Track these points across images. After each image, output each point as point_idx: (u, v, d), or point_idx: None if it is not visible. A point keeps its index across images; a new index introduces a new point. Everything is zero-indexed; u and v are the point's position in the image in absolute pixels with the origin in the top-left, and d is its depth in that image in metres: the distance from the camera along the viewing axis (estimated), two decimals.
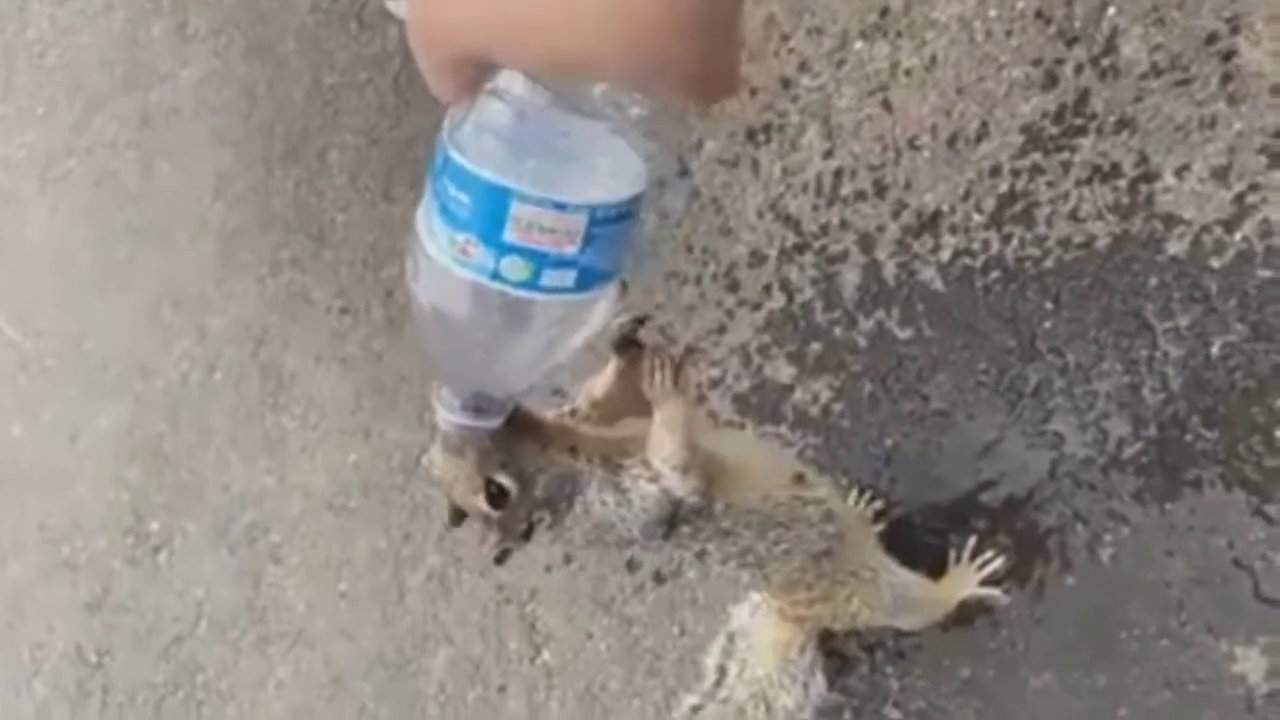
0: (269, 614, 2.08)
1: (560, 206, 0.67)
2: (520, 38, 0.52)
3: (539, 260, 0.68)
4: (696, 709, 1.42)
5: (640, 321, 1.02)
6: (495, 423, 0.89)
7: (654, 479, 1.01)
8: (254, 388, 2.20)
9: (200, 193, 2.39)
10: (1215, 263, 1.39)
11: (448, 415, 0.88)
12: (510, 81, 0.64)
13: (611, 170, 0.69)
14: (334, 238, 2.18)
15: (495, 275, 0.69)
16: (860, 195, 1.64)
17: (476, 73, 0.58)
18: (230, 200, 2.35)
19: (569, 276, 0.69)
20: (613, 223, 0.69)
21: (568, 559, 1.75)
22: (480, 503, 0.95)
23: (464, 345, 0.75)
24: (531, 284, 0.69)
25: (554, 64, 0.54)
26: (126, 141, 2.54)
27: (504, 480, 0.94)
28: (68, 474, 2.39)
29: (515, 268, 0.69)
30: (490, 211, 0.67)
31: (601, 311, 0.74)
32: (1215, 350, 1.37)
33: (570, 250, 0.68)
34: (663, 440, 1.02)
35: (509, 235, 0.67)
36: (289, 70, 2.33)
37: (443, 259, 0.70)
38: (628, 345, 1.04)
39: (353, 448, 2.05)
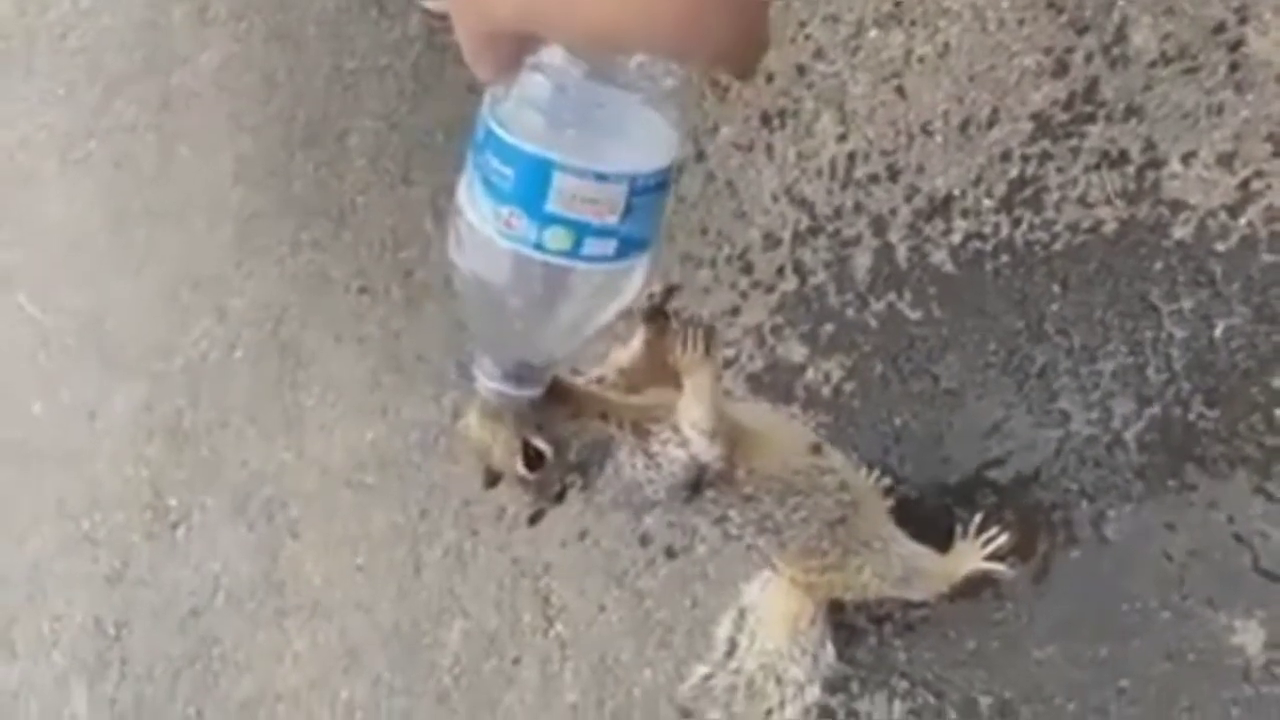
0: (286, 587, 2.11)
1: (601, 177, 0.69)
2: (558, 11, 0.54)
3: (581, 230, 0.71)
4: (707, 678, 1.46)
5: (670, 292, 1.05)
6: (536, 391, 0.90)
7: (682, 444, 1.05)
8: (273, 366, 2.23)
9: (219, 176, 2.42)
10: (1220, 247, 1.42)
11: (488, 383, 0.89)
12: (551, 55, 0.67)
13: (647, 140, 0.71)
14: (354, 220, 2.21)
15: (538, 246, 0.71)
16: (873, 179, 1.67)
17: (514, 49, 0.61)
18: (249, 184, 2.38)
19: (610, 245, 0.72)
20: (651, 192, 0.71)
21: (582, 534, 1.79)
22: (517, 465, 0.98)
23: (505, 314, 0.78)
24: (573, 253, 0.71)
25: (590, 37, 0.56)
26: (146, 124, 2.56)
27: (540, 444, 0.97)
28: (87, 451, 2.42)
29: (558, 238, 0.71)
30: (533, 183, 0.69)
31: (638, 279, 0.76)
32: (1218, 332, 1.40)
33: (611, 220, 0.71)
34: (691, 406, 1.05)
35: (551, 206, 0.70)
36: (309, 55, 2.36)
37: (486, 230, 0.72)
38: (656, 315, 1.08)
39: (370, 425, 2.08)
